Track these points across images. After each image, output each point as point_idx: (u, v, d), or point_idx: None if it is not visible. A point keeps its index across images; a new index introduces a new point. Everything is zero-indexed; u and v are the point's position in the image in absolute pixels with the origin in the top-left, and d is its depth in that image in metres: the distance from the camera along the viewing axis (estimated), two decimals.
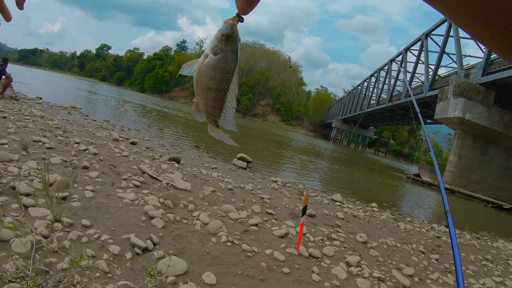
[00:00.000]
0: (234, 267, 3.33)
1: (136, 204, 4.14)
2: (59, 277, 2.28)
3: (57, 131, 7.52)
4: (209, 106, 0.70)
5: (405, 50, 41.57)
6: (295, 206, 6.56)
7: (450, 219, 2.03)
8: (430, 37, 33.91)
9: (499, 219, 17.57)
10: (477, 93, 23.75)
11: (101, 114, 16.07)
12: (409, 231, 7.22)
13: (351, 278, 3.89)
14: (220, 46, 0.66)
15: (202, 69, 0.67)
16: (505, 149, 26.01)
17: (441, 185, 2.35)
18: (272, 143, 29.14)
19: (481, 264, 6.24)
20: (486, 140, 25.45)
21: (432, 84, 31.11)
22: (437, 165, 2.63)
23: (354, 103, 73.65)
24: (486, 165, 25.76)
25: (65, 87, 38.72)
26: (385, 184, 19.67)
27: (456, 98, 24.09)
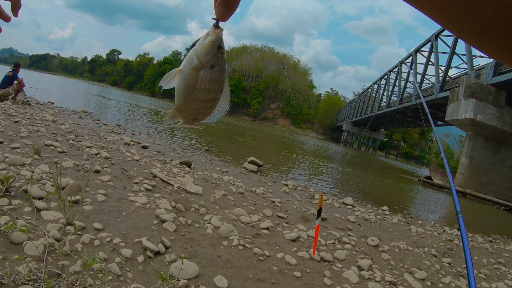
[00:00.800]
0: (246, 271, 3.32)
1: (147, 207, 4.15)
2: (72, 280, 2.30)
3: (69, 135, 7.59)
4: (201, 114, 0.70)
5: (415, 51, 41.30)
6: (307, 209, 6.55)
7: (462, 220, 2.00)
8: (440, 38, 33.64)
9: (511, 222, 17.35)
10: (488, 94, 23.48)
11: (112, 119, 16.21)
12: (421, 235, 7.16)
13: (363, 282, 3.86)
14: (217, 59, 0.65)
15: (199, 83, 0.65)
16: None
17: (451, 185, 2.32)
18: (283, 146, 29.15)
19: (493, 267, 6.15)
20: (498, 141, 25.15)
21: (442, 85, 30.84)
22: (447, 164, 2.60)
23: (365, 105, 73.30)
24: (498, 166, 25.44)
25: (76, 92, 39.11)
26: (396, 187, 19.53)
27: (467, 99, 23.85)
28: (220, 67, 0.66)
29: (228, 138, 23.34)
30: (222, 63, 0.66)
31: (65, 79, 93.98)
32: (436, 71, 32.82)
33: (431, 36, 34.69)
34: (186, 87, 0.66)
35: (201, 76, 0.65)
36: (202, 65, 0.65)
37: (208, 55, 0.64)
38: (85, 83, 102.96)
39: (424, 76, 38.76)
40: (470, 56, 26.82)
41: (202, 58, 0.64)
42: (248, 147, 20.74)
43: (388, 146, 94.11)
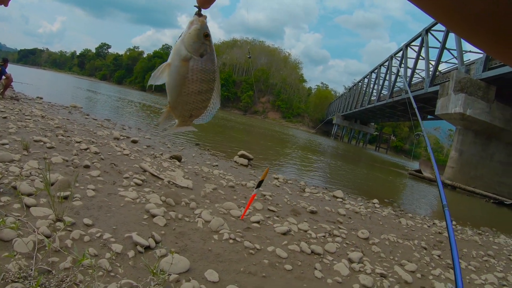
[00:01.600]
0: (237, 265, 3.33)
1: (137, 202, 4.14)
2: (62, 277, 2.28)
3: (58, 130, 7.52)
4: (197, 108, 0.67)
5: (405, 46, 41.44)
6: (297, 203, 6.57)
7: (448, 213, 2.03)
8: (430, 33, 33.78)
9: (500, 215, 17.57)
10: (478, 88, 23.69)
11: (102, 113, 16.08)
12: (411, 227, 7.23)
13: (354, 275, 3.90)
14: (205, 47, 0.63)
15: (190, 74, 0.63)
16: (506, 145, 25.98)
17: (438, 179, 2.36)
18: (273, 140, 29.17)
19: (483, 259, 6.24)
20: (487, 136, 25.41)
21: (432, 80, 31.03)
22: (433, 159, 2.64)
23: (355, 99, 73.52)
24: (487, 160, 25.73)
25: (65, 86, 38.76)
26: (387, 180, 19.70)
27: (457, 94, 24.04)
28: (209, 55, 0.64)
29: (218, 132, 23.29)
30: (211, 51, 0.64)
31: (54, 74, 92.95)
32: (427, 65, 33.01)
33: (421, 31, 34.81)
34: (178, 80, 0.64)
35: (191, 67, 0.63)
36: (191, 54, 0.63)
37: (196, 43, 0.63)
38: (74, 77, 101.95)
39: (414, 71, 38.95)
40: (461, 51, 27.00)
41: (190, 47, 0.63)
42: (239, 140, 20.72)
43: (378, 139, 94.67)
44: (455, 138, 27.27)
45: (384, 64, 53.71)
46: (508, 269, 6.07)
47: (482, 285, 4.81)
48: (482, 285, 4.83)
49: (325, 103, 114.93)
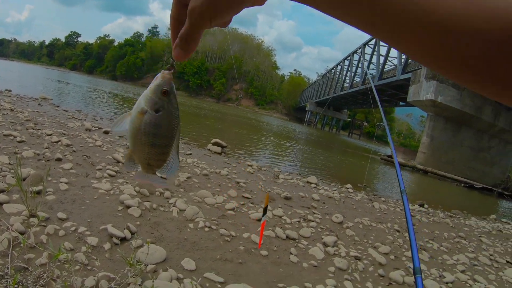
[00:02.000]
0: (213, 252, 3.37)
1: (111, 194, 4.11)
2: (39, 273, 2.27)
3: (28, 123, 7.32)
4: (153, 159, 0.67)
5: None
6: (271, 189, 6.63)
7: (405, 198, 2.13)
8: None
9: (471, 198, 18.19)
10: None
11: (73, 104, 15.70)
12: (384, 211, 7.42)
13: (329, 258, 4.00)
14: (162, 103, 0.64)
15: (143, 127, 0.64)
16: (476, 131, 26.81)
17: (396, 165, 2.45)
18: (247, 127, 29.11)
19: (454, 241, 6.48)
20: (458, 122, 26.14)
21: (405, 67, 31.60)
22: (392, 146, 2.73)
23: (328, 86, 74.16)
24: (458, 146, 26.51)
25: (34, 78, 37.54)
26: (360, 166, 20.03)
27: (429, 81, 24.57)
28: (166, 112, 0.64)
29: (191, 120, 23.11)
30: (169, 108, 0.65)
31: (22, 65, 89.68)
32: (399, 53, 33.47)
33: None
34: (132, 129, 0.65)
35: (145, 120, 0.64)
36: (147, 108, 0.64)
37: (151, 99, 0.64)
38: (43, 68, 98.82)
39: (387, 58, 39.50)
40: None
41: (147, 101, 0.64)
42: (212, 128, 20.63)
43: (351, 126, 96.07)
44: (426, 124, 27.96)
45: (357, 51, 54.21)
46: (479, 249, 6.33)
47: (454, 265, 5.00)
48: (454, 265, 5.02)
49: (298, 90, 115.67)
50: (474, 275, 4.79)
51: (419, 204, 9.66)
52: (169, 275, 2.71)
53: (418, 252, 1.75)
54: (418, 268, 1.67)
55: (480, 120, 25.46)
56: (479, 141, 27.28)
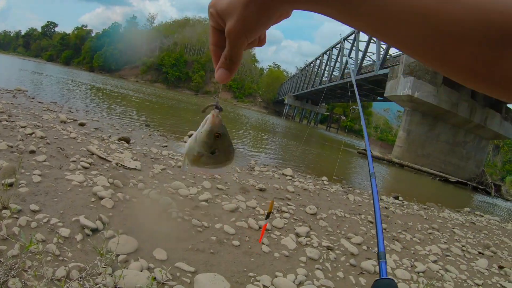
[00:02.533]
0: (185, 243, 3.42)
1: (85, 185, 4.10)
2: (10, 264, 2.28)
3: (2, 115, 7.19)
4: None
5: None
6: (246, 181, 6.66)
7: (374, 181, 2.22)
8: None
9: (446, 192, 18.64)
10: (426, 72, 24.71)
11: (48, 96, 15.39)
12: (358, 203, 7.56)
13: (301, 248, 4.09)
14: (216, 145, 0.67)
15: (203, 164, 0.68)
16: (452, 126, 27.44)
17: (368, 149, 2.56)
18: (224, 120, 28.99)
19: (427, 232, 6.68)
20: (434, 117, 26.69)
21: (383, 63, 32.01)
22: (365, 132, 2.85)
23: (307, 80, 74.40)
24: (434, 140, 27.09)
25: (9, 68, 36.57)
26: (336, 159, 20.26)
27: (406, 77, 24.99)
28: (221, 151, 0.68)
29: (169, 113, 22.96)
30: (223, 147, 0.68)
31: None
32: (378, 49, 33.93)
33: None
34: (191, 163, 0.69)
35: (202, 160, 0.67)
36: (202, 152, 0.67)
37: (206, 144, 0.66)
38: (19, 59, 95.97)
39: (365, 53, 39.92)
40: None
41: (201, 147, 0.66)
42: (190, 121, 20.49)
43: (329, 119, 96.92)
44: (403, 118, 28.46)
45: (336, 46, 54.55)
46: (451, 240, 6.53)
47: (426, 256, 5.16)
48: (426, 255, 5.18)
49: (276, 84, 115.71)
50: (446, 265, 4.96)
51: (393, 196, 9.86)
52: (140, 264, 2.75)
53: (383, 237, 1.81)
54: (382, 252, 1.68)
55: (456, 116, 26.06)
56: (455, 136, 27.96)
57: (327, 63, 59.39)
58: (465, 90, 26.25)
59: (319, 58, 65.64)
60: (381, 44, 33.91)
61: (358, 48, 41.94)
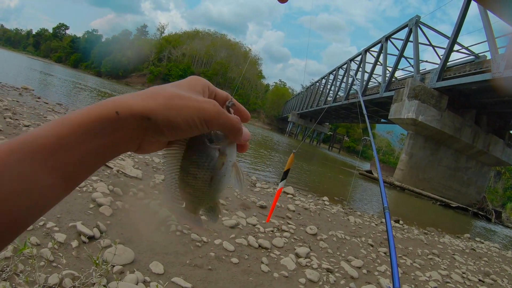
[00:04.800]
0: (183, 257, 3.33)
1: (84, 191, 4.03)
2: (2, 266, 2.21)
3: (6, 113, 7.17)
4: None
5: (364, 50, 42.61)
6: (247, 197, 6.59)
7: (388, 215, 2.15)
8: (390, 40, 34.97)
9: (446, 217, 18.49)
10: (431, 97, 24.78)
11: (54, 97, 15.45)
12: (359, 225, 7.46)
13: (300, 269, 3.99)
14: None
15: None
16: (454, 151, 27.42)
17: (380, 183, 2.48)
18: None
19: (427, 258, 6.56)
20: (437, 142, 26.68)
21: (388, 85, 32.13)
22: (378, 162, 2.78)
23: (311, 99, 74.82)
24: (436, 165, 27.03)
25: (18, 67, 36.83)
26: (337, 179, 20.17)
27: (411, 100, 25.03)
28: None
29: None
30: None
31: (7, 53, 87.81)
32: (384, 71, 34.15)
33: (382, 38, 35.93)
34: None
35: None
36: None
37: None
38: (28, 57, 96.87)
39: (371, 75, 40.18)
40: (417, 60, 28.16)
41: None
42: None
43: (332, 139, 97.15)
44: (406, 142, 28.44)
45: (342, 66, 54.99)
46: (452, 267, 6.43)
47: (426, 282, 5.06)
48: (426, 281, 5.07)
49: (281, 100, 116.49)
50: None
51: (394, 220, 9.76)
52: (136, 277, 2.66)
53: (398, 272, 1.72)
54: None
55: (458, 141, 26.04)
56: (457, 161, 27.90)
57: (333, 83, 59.76)
58: (469, 116, 26.30)
59: (325, 78, 66.10)
60: (387, 66, 34.13)
61: (364, 69, 42.21)
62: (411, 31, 29.41)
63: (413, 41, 28.85)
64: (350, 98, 45.53)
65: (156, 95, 0.45)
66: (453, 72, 24.25)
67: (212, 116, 0.47)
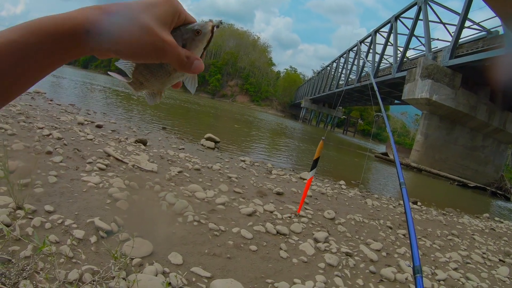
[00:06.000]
0: (201, 247, 3.34)
1: (100, 187, 4.06)
2: (23, 265, 2.23)
3: (20, 117, 7.25)
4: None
5: (374, 32, 41.98)
6: (263, 184, 6.60)
7: (405, 191, 2.09)
8: (399, 20, 34.34)
9: (464, 197, 18.23)
10: (444, 75, 24.32)
11: (66, 98, 15.54)
12: (377, 208, 7.41)
13: (319, 254, 3.97)
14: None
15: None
16: (470, 130, 26.91)
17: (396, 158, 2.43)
18: (241, 123, 29.00)
19: (447, 238, 6.49)
20: (452, 121, 26.22)
21: (400, 65, 31.63)
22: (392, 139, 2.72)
23: (323, 83, 74.22)
24: (452, 144, 26.60)
25: None
26: (353, 163, 20.03)
27: (424, 80, 24.61)
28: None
29: (186, 115, 23.06)
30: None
31: None
32: (395, 51, 33.62)
33: (391, 18, 35.32)
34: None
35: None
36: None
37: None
38: None
39: (382, 56, 39.56)
40: (429, 39, 27.58)
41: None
42: (206, 124, 20.51)
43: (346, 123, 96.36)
44: (421, 122, 28.02)
45: (353, 49, 54.28)
46: (472, 247, 6.33)
47: (446, 263, 4.99)
48: (446, 262, 5.01)
49: (293, 87, 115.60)
50: (466, 273, 4.77)
51: (412, 201, 9.65)
52: (155, 269, 2.67)
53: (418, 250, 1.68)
54: (418, 267, 1.58)
55: (474, 119, 25.55)
56: (473, 140, 27.39)
57: (344, 66, 59.13)
58: (483, 93, 25.76)
59: (336, 61, 65.40)
60: (398, 46, 33.58)
61: (375, 51, 41.60)
62: (420, 9, 28.78)
63: (423, 19, 28.24)
64: (362, 81, 44.98)
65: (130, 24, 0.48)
66: (465, 49, 23.75)
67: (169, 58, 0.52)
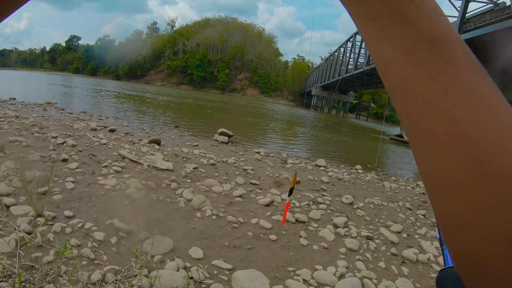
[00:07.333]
0: (221, 240, 3.35)
1: (118, 189, 4.12)
2: (46, 270, 2.28)
3: (33, 128, 7.37)
4: None
5: None
6: (279, 174, 6.60)
7: None
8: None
9: None
10: None
11: (78, 106, 15.75)
12: (395, 190, 7.33)
13: (339, 239, 3.95)
14: None
15: None
16: None
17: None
18: (253, 116, 29.00)
19: None
20: None
21: None
22: None
23: (332, 69, 73.46)
24: None
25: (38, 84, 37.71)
26: (369, 147, 19.86)
27: None
28: None
29: (197, 112, 23.14)
30: None
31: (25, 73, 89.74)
32: None
33: None
34: None
35: None
36: None
37: None
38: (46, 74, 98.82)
39: None
40: None
41: None
42: (218, 119, 20.56)
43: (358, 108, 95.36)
44: None
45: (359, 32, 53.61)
46: None
47: None
48: None
49: (302, 75, 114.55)
50: None
51: None
52: (176, 264, 2.70)
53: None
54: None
55: None
56: None
57: (351, 50, 58.44)
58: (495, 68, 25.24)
59: (343, 46, 64.70)
60: None
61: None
62: None
63: None
64: (371, 64, 44.45)
65: None
66: (473, 23, 23.28)
67: None
